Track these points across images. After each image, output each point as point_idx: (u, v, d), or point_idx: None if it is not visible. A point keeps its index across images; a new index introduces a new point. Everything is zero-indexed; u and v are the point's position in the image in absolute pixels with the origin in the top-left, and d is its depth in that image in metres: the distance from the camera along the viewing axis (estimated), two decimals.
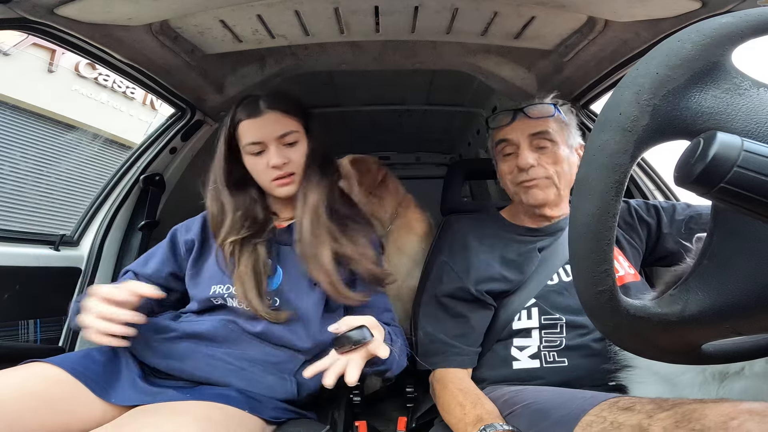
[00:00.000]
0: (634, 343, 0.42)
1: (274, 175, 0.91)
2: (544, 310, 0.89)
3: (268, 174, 0.91)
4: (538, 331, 0.89)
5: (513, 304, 0.92)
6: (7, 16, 0.82)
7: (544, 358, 0.87)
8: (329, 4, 0.93)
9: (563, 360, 0.86)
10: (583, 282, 0.37)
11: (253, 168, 0.93)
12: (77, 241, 1.34)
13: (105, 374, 0.78)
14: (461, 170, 1.40)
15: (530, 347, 0.89)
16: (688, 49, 0.33)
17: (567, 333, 0.87)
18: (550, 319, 0.89)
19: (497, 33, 1.05)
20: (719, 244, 0.36)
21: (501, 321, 0.92)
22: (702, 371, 0.63)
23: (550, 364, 0.87)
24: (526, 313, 0.91)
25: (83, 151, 6.52)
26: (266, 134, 0.90)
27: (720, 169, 0.28)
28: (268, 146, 0.91)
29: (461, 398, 0.80)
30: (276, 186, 0.92)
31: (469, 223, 1.05)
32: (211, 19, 0.97)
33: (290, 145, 0.92)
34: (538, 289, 0.91)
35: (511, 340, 0.91)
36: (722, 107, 0.33)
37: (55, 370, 0.73)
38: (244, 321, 0.86)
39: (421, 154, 2.67)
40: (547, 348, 0.88)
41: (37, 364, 0.74)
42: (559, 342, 0.87)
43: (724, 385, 0.61)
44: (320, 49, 1.18)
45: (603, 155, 0.34)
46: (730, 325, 0.37)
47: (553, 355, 0.87)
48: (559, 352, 0.87)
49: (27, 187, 5.75)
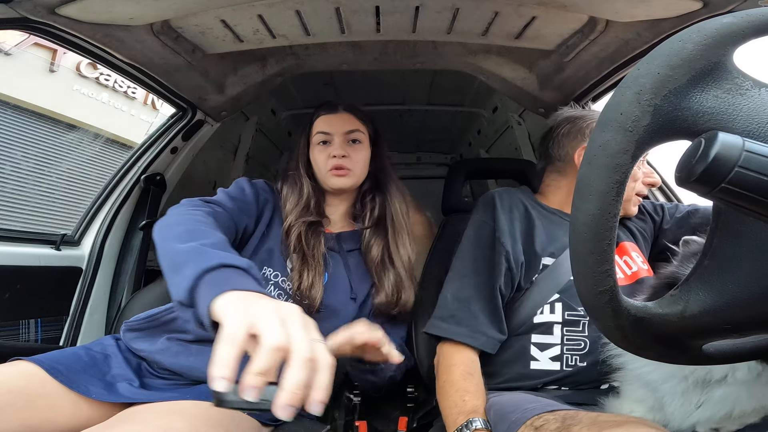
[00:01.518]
0: (636, 344, 0.42)
1: (333, 164, 0.97)
2: (568, 305, 0.86)
3: (328, 163, 0.97)
4: (560, 327, 0.86)
5: (536, 297, 0.88)
6: (9, 16, 0.82)
7: (566, 361, 0.84)
8: (330, 4, 0.93)
9: (584, 363, 0.84)
10: (584, 282, 0.37)
11: (317, 157, 0.99)
12: (78, 241, 1.34)
13: (90, 372, 0.78)
14: (462, 170, 1.40)
15: (553, 348, 0.86)
16: (689, 49, 0.32)
17: (590, 333, 0.85)
18: (573, 315, 0.86)
19: (498, 33, 1.05)
20: (720, 244, 0.36)
21: (522, 314, 0.88)
22: (685, 378, 0.63)
23: (571, 367, 0.84)
24: (549, 308, 0.87)
25: (84, 150, 6.53)
26: (335, 128, 0.99)
27: (721, 169, 0.28)
28: (334, 138, 0.98)
29: (465, 384, 0.78)
30: (332, 175, 0.97)
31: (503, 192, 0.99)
32: (212, 19, 0.97)
33: (354, 143, 1.00)
34: (564, 281, 0.87)
35: (529, 336, 0.87)
36: (724, 107, 0.33)
37: (36, 368, 0.72)
38: None
39: (421, 154, 2.67)
40: (570, 351, 0.85)
41: (22, 362, 0.74)
42: (583, 345, 0.85)
43: (705, 392, 0.61)
44: (321, 49, 1.18)
45: (604, 155, 0.34)
46: (732, 326, 0.37)
47: (576, 358, 0.84)
48: (582, 356, 0.84)
49: (28, 186, 5.76)
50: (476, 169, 1.42)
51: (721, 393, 0.60)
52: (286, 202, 0.97)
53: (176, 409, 0.68)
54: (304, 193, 0.97)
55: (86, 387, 0.74)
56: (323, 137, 0.99)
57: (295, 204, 0.96)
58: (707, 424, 0.62)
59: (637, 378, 0.70)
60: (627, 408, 0.72)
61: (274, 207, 0.97)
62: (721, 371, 0.59)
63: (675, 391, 0.64)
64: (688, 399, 0.63)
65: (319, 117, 1.02)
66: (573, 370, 0.84)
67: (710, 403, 0.61)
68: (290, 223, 0.93)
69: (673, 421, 0.65)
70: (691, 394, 0.63)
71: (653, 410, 0.68)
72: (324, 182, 0.99)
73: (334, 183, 0.97)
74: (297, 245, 0.90)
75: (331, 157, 0.97)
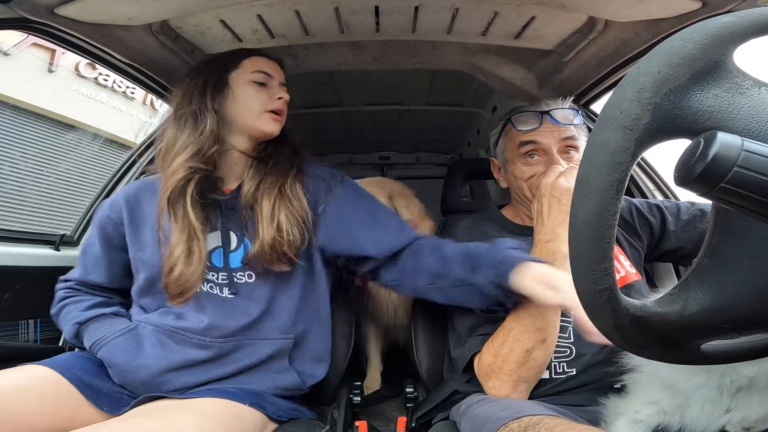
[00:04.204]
0: (634, 343, 0.42)
1: (275, 106, 0.90)
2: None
3: (268, 104, 0.89)
4: None
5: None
6: (8, 16, 0.82)
7: (554, 368, 0.85)
8: (329, 3, 0.93)
9: (572, 370, 0.84)
10: (583, 281, 0.37)
11: (252, 95, 0.89)
12: (77, 241, 1.34)
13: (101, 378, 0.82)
14: (461, 170, 1.40)
15: None
16: (689, 48, 0.33)
17: (575, 338, 0.85)
18: (561, 321, 0.85)
19: (497, 33, 1.05)
20: (719, 243, 0.36)
21: None
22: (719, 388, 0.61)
23: (560, 375, 0.84)
24: None
25: (83, 150, 6.52)
26: (275, 72, 0.92)
27: (720, 169, 0.28)
28: (273, 82, 0.92)
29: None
30: (269, 118, 0.89)
31: (470, 224, 1.05)
32: (211, 18, 0.97)
33: (285, 92, 0.93)
34: None
35: None
36: (723, 106, 0.33)
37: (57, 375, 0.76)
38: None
39: (421, 154, 2.68)
40: (558, 358, 0.85)
41: (42, 367, 0.77)
42: (569, 352, 0.85)
43: (737, 398, 0.60)
44: (320, 48, 1.18)
45: (604, 153, 0.34)
46: (730, 325, 0.37)
47: (563, 366, 0.85)
48: (569, 362, 0.85)
49: (27, 186, 5.75)
50: (476, 169, 1.42)
51: (758, 397, 0.58)
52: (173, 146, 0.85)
53: (184, 406, 0.71)
54: (206, 130, 0.84)
55: (98, 398, 0.78)
56: (263, 78, 0.90)
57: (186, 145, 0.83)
58: (739, 424, 0.60)
59: (656, 381, 0.68)
60: (633, 408, 0.70)
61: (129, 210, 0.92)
62: (765, 380, 0.57)
63: (706, 399, 0.62)
64: (718, 406, 0.61)
65: (251, 57, 0.92)
66: (564, 378, 0.84)
67: (744, 406, 0.59)
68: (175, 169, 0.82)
69: (696, 424, 0.63)
70: (721, 401, 0.61)
71: (667, 413, 0.66)
72: (251, 125, 0.89)
73: (268, 127, 0.89)
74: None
75: (275, 99, 0.90)
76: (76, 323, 0.86)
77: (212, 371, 0.82)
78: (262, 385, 0.84)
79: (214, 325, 0.83)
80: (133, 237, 0.90)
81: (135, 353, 0.81)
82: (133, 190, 0.95)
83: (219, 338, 0.83)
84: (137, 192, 0.94)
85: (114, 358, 0.82)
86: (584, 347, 0.85)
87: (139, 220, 0.91)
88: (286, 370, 0.87)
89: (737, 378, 0.59)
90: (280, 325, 0.87)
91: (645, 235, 0.99)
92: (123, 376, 0.82)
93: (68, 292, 0.93)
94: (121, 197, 0.94)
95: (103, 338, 0.83)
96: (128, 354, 0.81)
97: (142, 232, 0.89)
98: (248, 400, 0.77)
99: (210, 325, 0.83)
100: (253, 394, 0.80)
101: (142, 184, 0.96)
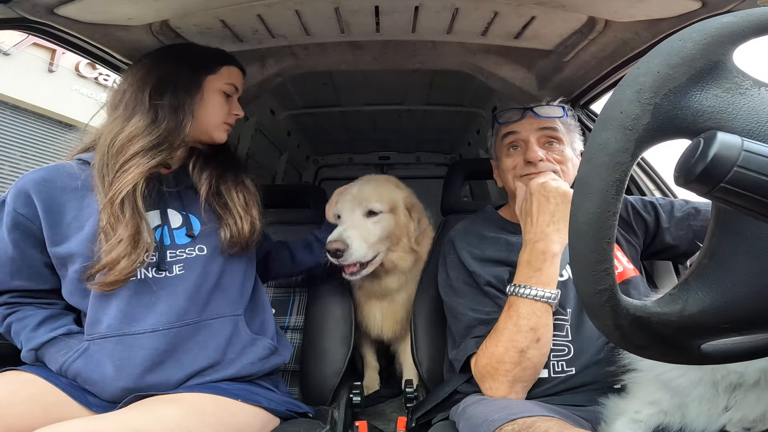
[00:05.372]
0: (634, 343, 0.42)
1: (231, 120, 0.95)
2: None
3: (227, 117, 0.94)
4: None
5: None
6: (8, 16, 0.82)
7: (553, 368, 0.85)
8: (329, 3, 0.93)
9: (571, 369, 0.84)
10: (583, 281, 0.37)
11: (216, 107, 0.91)
12: None
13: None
14: (461, 170, 1.40)
15: None
16: (689, 48, 0.33)
17: (573, 336, 0.86)
18: (557, 319, 0.86)
19: (497, 33, 1.05)
20: (719, 243, 0.36)
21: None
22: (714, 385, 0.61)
23: (559, 374, 0.85)
24: None
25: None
26: (240, 86, 0.96)
27: (720, 169, 0.28)
28: (234, 95, 0.96)
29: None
30: (224, 130, 0.94)
31: (466, 225, 1.05)
32: (211, 18, 0.97)
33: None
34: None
35: None
36: (723, 106, 0.33)
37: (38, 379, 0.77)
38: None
39: (421, 154, 2.68)
40: (557, 357, 0.85)
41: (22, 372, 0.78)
42: (567, 351, 0.85)
43: (735, 396, 0.60)
44: (320, 48, 1.18)
45: (604, 153, 0.34)
46: (730, 325, 0.37)
47: (562, 364, 0.85)
48: (568, 361, 0.85)
49: None
50: (475, 169, 1.42)
51: (755, 396, 0.59)
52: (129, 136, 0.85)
53: (171, 399, 0.72)
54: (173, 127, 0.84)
55: (86, 398, 0.78)
56: (231, 90, 0.93)
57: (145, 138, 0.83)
58: (739, 424, 0.60)
59: (655, 381, 0.69)
60: (633, 408, 0.70)
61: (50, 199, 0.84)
62: (754, 375, 0.57)
63: (703, 397, 0.62)
64: (716, 404, 0.62)
65: (230, 66, 0.94)
66: (563, 377, 0.84)
67: (742, 405, 0.60)
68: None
69: (696, 424, 0.64)
70: (718, 399, 0.61)
71: (667, 413, 0.67)
72: (206, 132, 0.91)
73: (221, 137, 0.94)
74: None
75: (233, 113, 0.94)
76: (31, 350, 0.81)
77: (188, 361, 0.80)
78: (247, 366, 0.84)
79: (163, 310, 0.80)
80: (53, 230, 0.81)
81: (101, 372, 0.77)
82: (41, 179, 0.84)
83: (174, 323, 0.80)
84: (47, 181, 0.84)
85: (85, 382, 0.78)
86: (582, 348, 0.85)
87: (56, 212, 0.82)
88: (256, 340, 0.89)
89: (727, 373, 0.59)
90: (231, 300, 0.88)
91: (640, 232, 1.00)
92: (104, 392, 0.78)
93: (7, 309, 0.85)
94: (29, 188, 0.82)
95: (64, 363, 0.79)
96: (95, 373, 0.77)
97: (62, 225, 0.82)
98: (240, 396, 0.77)
99: (160, 311, 0.80)
100: (244, 390, 0.81)
101: (54, 172, 0.87)
